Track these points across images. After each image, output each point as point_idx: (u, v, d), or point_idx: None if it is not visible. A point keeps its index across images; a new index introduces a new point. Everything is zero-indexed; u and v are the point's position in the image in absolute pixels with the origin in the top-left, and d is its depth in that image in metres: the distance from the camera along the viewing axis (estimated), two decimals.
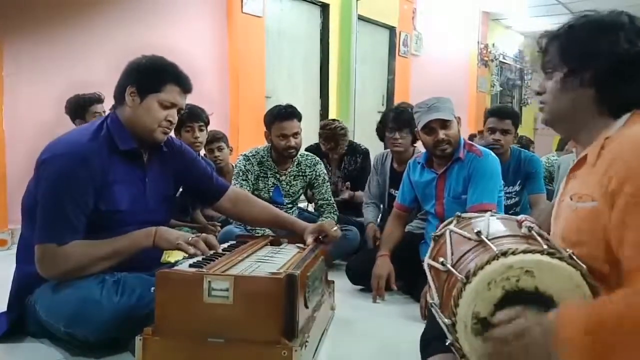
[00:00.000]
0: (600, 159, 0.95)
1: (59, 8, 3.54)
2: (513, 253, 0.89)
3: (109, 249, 1.54)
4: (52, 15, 3.50)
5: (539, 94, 1.10)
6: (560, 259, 0.89)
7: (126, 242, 1.56)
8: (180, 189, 1.93)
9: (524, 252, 0.89)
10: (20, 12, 3.34)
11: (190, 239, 1.55)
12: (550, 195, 2.90)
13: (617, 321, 0.77)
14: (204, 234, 1.59)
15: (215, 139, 3.10)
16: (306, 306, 1.38)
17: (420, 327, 1.36)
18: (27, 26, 3.37)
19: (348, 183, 3.17)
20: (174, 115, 1.64)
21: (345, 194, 3.10)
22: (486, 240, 0.98)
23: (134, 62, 1.64)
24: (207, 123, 2.79)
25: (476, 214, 1.20)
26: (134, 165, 1.64)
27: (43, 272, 1.51)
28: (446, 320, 0.95)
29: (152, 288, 1.26)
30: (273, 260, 1.51)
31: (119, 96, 1.63)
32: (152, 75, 1.60)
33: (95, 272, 1.51)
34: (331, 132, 3.15)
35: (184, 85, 1.65)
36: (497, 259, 0.90)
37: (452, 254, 1.05)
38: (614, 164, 0.89)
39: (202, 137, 2.76)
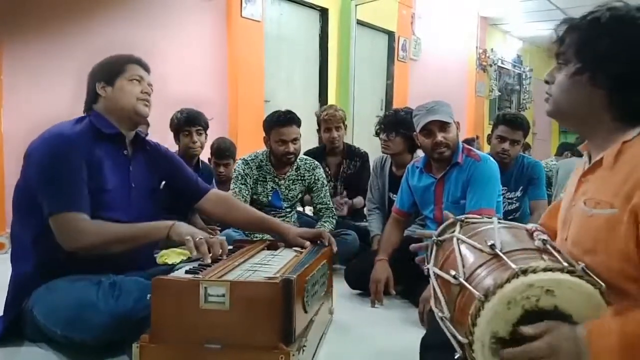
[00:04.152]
0: (618, 164, 0.91)
1: (59, 11, 3.54)
2: (534, 271, 0.85)
3: (127, 231, 1.56)
4: (52, 18, 3.50)
5: (547, 82, 1.03)
6: (580, 277, 0.86)
7: (143, 228, 1.58)
8: (164, 182, 1.91)
9: (545, 270, 0.85)
10: (20, 15, 3.34)
11: (198, 239, 1.53)
12: (549, 201, 2.89)
13: None
14: (215, 237, 1.58)
15: (225, 155, 3.07)
16: (305, 311, 1.37)
17: (418, 332, 1.36)
18: (27, 29, 3.37)
19: (345, 192, 3.12)
20: (146, 88, 1.70)
21: (344, 210, 3.02)
22: (501, 255, 0.94)
23: (93, 66, 1.75)
24: (205, 127, 2.79)
25: (481, 219, 1.16)
26: (117, 153, 1.68)
27: (66, 244, 1.51)
28: (460, 337, 0.92)
29: (148, 296, 1.26)
30: (270, 265, 1.50)
31: (92, 97, 1.72)
32: (112, 64, 1.72)
33: (111, 251, 1.54)
34: (333, 113, 3.13)
35: (142, 63, 1.74)
36: (517, 277, 0.85)
37: (463, 266, 1.00)
38: (637, 173, 0.86)
39: (201, 141, 2.75)
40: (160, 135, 2.57)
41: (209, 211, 1.93)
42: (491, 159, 2.19)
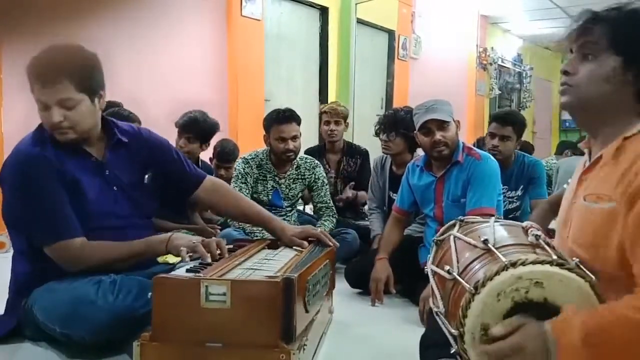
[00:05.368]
0: (618, 159, 0.92)
1: (58, 10, 3.54)
2: (523, 264, 0.87)
3: (126, 250, 1.56)
4: (51, 18, 3.50)
5: (566, 73, 1.00)
6: (570, 270, 0.87)
7: (142, 246, 1.57)
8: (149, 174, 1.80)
9: (534, 262, 0.87)
10: (19, 14, 3.34)
11: (192, 243, 1.53)
12: None
13: (614, 330, 0.77)
14: (213, 239, 1.57)
15: (228, 160, 3.06)
16: (306, 310, 1.36)
17: (418, 331, 1.35)
18: (26, 29, 3.37)
19: (352, 183, 3.11)
20: (55, 116, 1.46)
21: (348, 192, 3.03)
22: (494, 249, 0.96)
23: None
24: (199, 136, 2.75)
25: (480, 219, 1.17)
26: (85, 161, 1.59)
27: (68, 268, 1.52)
28: (453, 330, 0.94)
29: (149, 294, 1.26)
30: (270, 264, 1.50)
31: None
32: None
33: (112, 270, 1.54)
34: (334, 107, 3.16)
35: (40, 80, 1.47)
36: (507, 270, 0.87)
37: (457, 261, 1.02)
38: (635, 167, 0.87)
39: (188, 148, 2.72)
40: (160, 134, 2.57)
41: (203, 199, 1.84)
42: (492, 157, 2.19)
